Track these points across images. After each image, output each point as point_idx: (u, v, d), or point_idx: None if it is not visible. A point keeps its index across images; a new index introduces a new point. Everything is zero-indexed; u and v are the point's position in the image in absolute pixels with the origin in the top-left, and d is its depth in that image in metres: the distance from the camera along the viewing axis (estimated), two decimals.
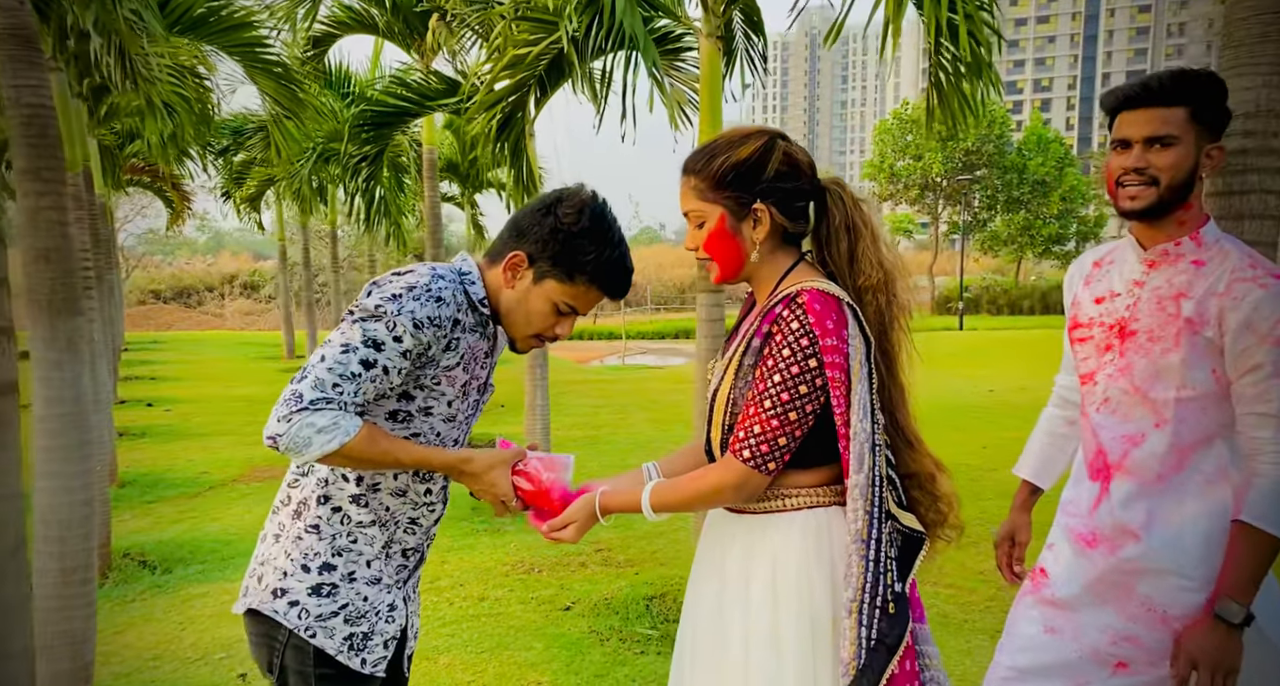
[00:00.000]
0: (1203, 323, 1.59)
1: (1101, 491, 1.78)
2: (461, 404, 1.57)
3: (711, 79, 3.79)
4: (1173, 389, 1.63)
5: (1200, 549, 1.63)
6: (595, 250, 1.50)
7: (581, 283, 1.52)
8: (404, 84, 6.29)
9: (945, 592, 4.12)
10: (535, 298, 1.53)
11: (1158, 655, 1.67)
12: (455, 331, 1.48)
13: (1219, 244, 1.64)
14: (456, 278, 1.52)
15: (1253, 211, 2.00)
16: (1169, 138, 1.59)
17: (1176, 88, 1.59)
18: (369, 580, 1.54)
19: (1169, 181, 1.60)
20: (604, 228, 1.52)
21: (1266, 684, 1.67)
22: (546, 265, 1.51)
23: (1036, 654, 1.83)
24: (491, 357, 1.63)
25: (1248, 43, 1.95)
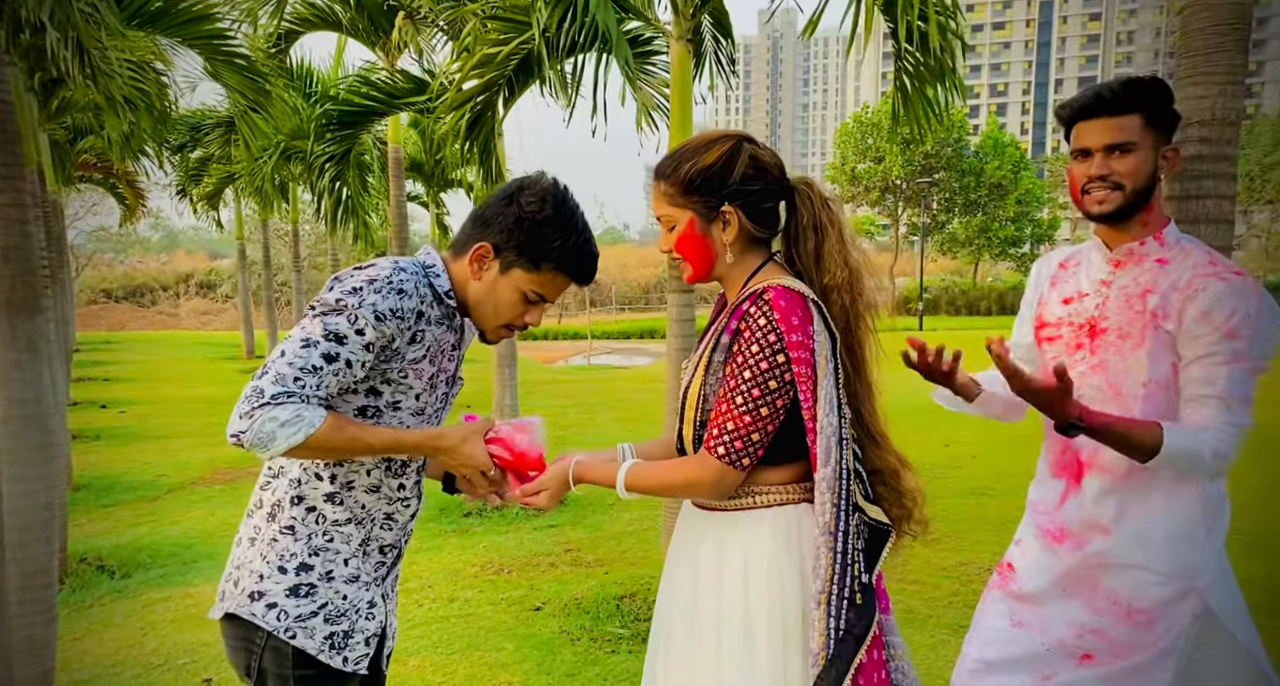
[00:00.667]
0: (1165, 316, 1.64)
1: (1068, 488, 1.83)
2: (430, 397, 1.56)
3: (682, 81, 3.82)
4: (1139, 383, 1.69)
5: (1166, 544, 1.68)
6: (560, 237, 1.51)
7: (548, 270, 1.53)
8: (370, 83, 6.23)
9: (910, 588, 4.20)
10: (503, 288, 1.53)
11: (1123, 647, 1.71)
12: (420, 323, 1.47)
13: (1180, 244, 1.70)
14: (420, 270, 1.51)
15: (1208, 216, 2.07)
16: (1127, 144, 1.65)
17: (1128, 96, 1.65)
18: (347, 578, 1.53)
19: (1133, 185, 1.66)
20: (567, 214, 1.53)
21: (1229, 675, 1.73)
22: (513, 255, 1.52)
23: (1004, 647, 1.87)
24: (459, 350, 1.63)
25: (1203, 52, 2.02)
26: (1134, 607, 1.70)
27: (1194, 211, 2.09)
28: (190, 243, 66.60)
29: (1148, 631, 1.70)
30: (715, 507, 1.60)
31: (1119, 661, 1.72)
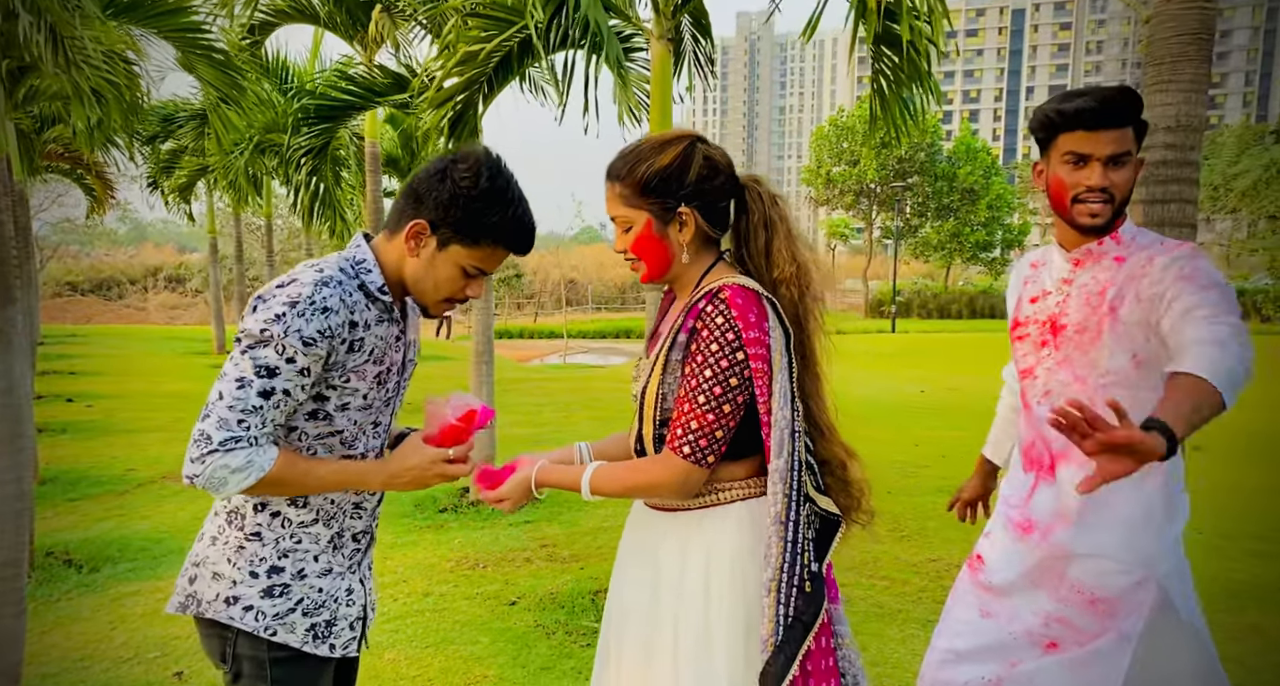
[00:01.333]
0: (1121, 303, 1.70)
1: (1036, 481, 1.89)
2: (378, 392, 1.55)
3: (662, 80, 3.85)
4: (1101, 375, 1.75)
5: (1126, 533, 1.74)
6: (498, 211, 1.47)
7: (486, 245, 1.50)
8: (348, 77, 6.19)
9: (881, 584, 4.26)
10: (441, 264, 1.50)
11: (1087, 635, 1.77)
12: (356, 333, 1.45)
13: (1135, 240, 1.76)
14: (350, 271, 1.49)
15: (1173, 219, 2.14)
16: (1126, 156, 1.69)
17: (1126, 107, 1.67)
18: (320, 572, 1.54)
19: (1122, 196, 1.72)
20: (503, 186, 1.48)
21: (1183, 663, 1.80)
22: (449, 231, 1.48)
23: (972, 637, 1.92)
24: (405, 336, 1.61)
25: (1168, 61, 2.09)
26: (1097, 596, 1.76)
27: (1159, 215, 2.16)
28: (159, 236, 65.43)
29: (1110, 618, 1.75)
30: (677, 508, 1.61)
31: (1082, 648, 1.78)
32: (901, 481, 6.53)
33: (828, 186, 37.36)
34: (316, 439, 1.51)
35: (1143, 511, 1.74)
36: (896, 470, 6.91)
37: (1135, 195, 2.18)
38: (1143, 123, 1.72)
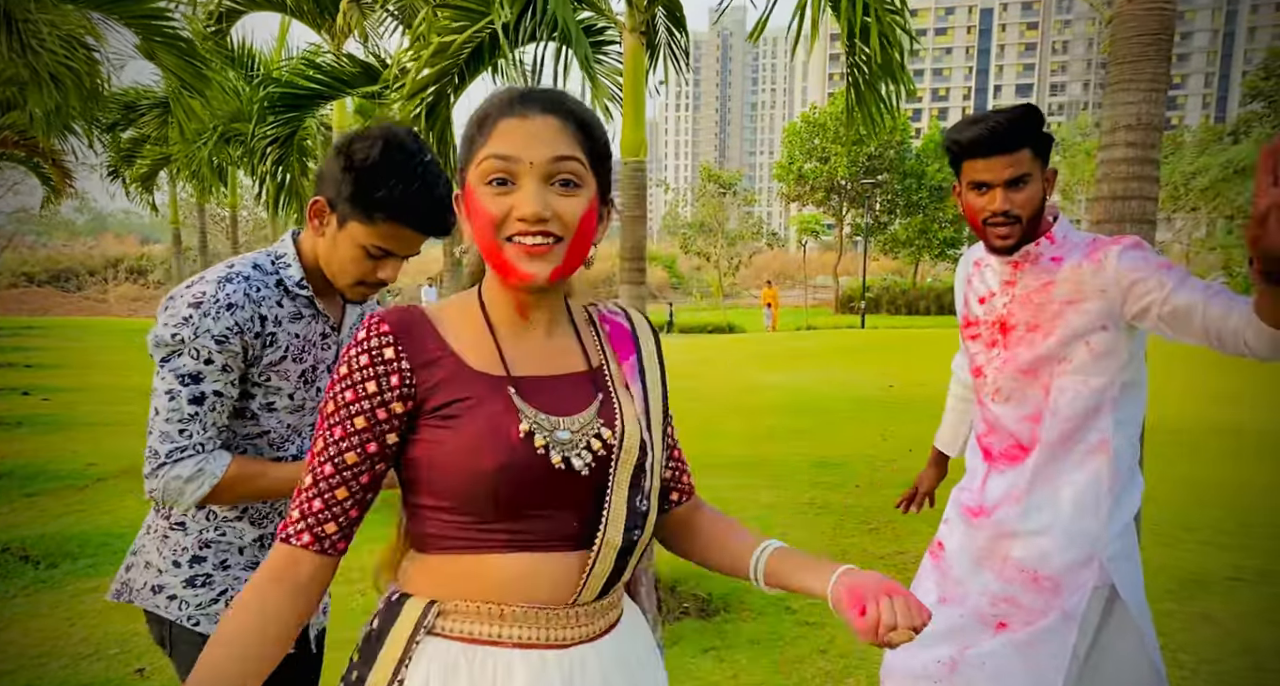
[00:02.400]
0: (1080, 296, 1.76)
1: (989, 470, 1.94)
2: (307, 392, 1.53)
3: (635, 74, 3.84)
4: (1054, 363, 1.81)
5: (1071, 511, 1.81)
6: (390, 184, 1.38)
7: (382, 221, 1.40)
8: (315, 66, 6.10)
9: None
10: (343, 243, 1.44)
11: (1034, 613, 1.83)
12: (266, 327, 1.43)
13: (1068, 238, 1.83)
14: (268, 266, 1.46)
15: (1133, 216, 2.19)
16: (1024, 177, 1.75)
17: (1018, 132, 1.74)
18: (245, 565, 1.55)
19: (1028, 216, 1.77)
20: (401, 159, 1.39)
21: (1126, 659, 1.85)
22: (346, 207, 1.41)
23: (931, 624, 1.97)
24: (339, 334, 1.57)
25: (1129, 61, 2.13)
26: (1040, 573, 1.82)
27: (1120, 211, 2.20)
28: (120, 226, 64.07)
29: (1054, 596, 1.81)
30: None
31: (1029, 628, 1.83)
32: (870, 475, 6.61)
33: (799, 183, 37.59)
34: (244, 439, 1.49)
35: (1086, 489, 1.80)
36: (865, 463, 6.99)
37: (1096, 192, 2.24)
38: (1044, 139, 1.77)
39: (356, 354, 0.99)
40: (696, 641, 3.51)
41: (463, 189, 1.02)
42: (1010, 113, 1.75)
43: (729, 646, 3.46)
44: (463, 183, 1.02)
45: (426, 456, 1.00)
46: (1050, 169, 1.80)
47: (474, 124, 1.02)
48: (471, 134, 1.02)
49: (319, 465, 1.00)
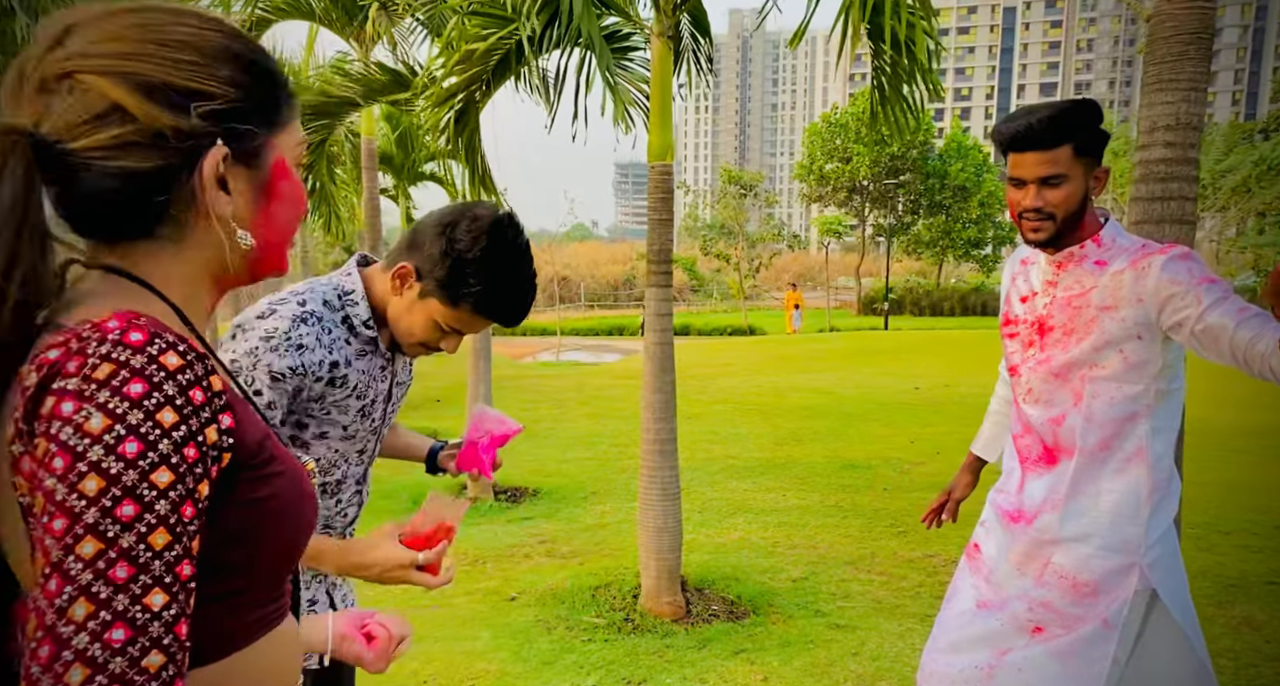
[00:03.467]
0: (1116, 304, 1.74)
1: (1026, 473, 1.94)
2: (363, 423, 1.55)
3: (662, 78, 3.86)
4: (1086, 369, 1.80)
5: (1110, 518, 1.79)
6: (484, 283, 1.40)
7: (465, 309, 1.43)
8: (344, 73, 6.18)
9: (879, 579, 4.30)
10: (418, 312, 1.46)
11: (1069, 619, 1.82)
12: (338, 371, 1.44)
13: (1116, 242, 1.81)
14: (335, 303, 1.46)
15: (1172, 217, 2.17)
16: (1059, 177, 1.73)
17: (1056, 130, 1.72)
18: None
19: (1064, 214, 1.76)
20: (501, 258, 1.41)
21: (1172, 656, 1.84)
22: (432, 285, 1.43)
23: (968, 628, 1.96)
24: (392, 367, 1.58)
25: (1169, 60, 2.12)
26: (1078, 579, 1.81)
27: (1159, 212, 2.19)
28: None
29: (1092, 602, 1.80)
30: None
31: (1066, 632, 1.82)
32: (897, 478, 6.57)
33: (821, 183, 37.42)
34: None
35: (1126, 496, 1.79)
36: (892, 467, 6.95)
37: (1135, 193, 2.22)
38: (1092, 137, 1.74)
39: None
40: (726, 643, 3.52)
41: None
42: (1056, 108, 1.73)
43: (759, 648, 3.46)
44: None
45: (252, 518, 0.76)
46: (1102, 167, 1.78)
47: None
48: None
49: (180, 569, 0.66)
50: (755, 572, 4.37)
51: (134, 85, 0.67)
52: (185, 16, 0.72)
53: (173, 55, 0.69)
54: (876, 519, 5.38)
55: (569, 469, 6.96)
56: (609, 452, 7.68)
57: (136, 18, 0.70)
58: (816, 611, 3.85)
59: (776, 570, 4.42)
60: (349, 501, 1.61)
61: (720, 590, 4.11)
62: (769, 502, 5.83)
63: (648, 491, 3.86)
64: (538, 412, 10.20)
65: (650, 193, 3.97)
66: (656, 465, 3.84)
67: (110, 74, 0.67)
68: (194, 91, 0.69)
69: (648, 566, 3.84)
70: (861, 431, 8.51)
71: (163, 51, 0.69)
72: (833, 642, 3.51)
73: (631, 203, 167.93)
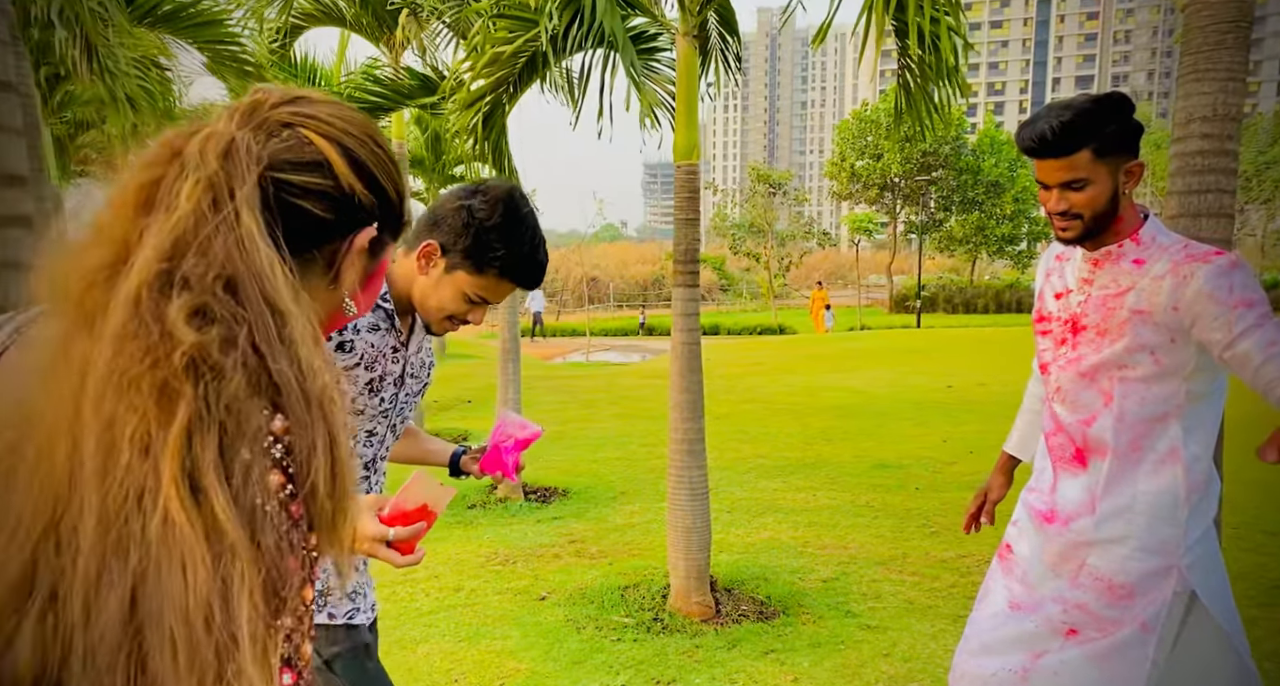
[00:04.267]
0: (1151, 309, 1.71)
1: (1059, 472, 1.90)
2: (370, 399, 1.59)
3: (688, 78, 3.85)
4: (1115, 370, 1.77)
5: (1146, 520, 1.76)
6: (507, 246, 1.51)
7: (491, 276, 1.53)
8: (375, 79, 6.26)
9: (910, 580, 4.25)
10: (446, 286, 1.54)
11: (1105, 622, 1.79)
12: (344, 334, 1.52)
13: (1156, 241, 1.76)
14: None
15: (1210, 210, 2.12)
16: (1079, 181, 1.70)
17: (1071, 136, 1.67)
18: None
19: (1091, 214, 1.73)
20: (517, 222, 1.53)
21: (1211, 657, 1.79)
22: (458, 257, 1.52)
23: (1001, 630, 1.94)
24: (406, 351, 1.64)
25: (1205, 49, 2.07)
26: (1114, 582, 1.78)
27: (1196, 205, 2.13)
28: None
29: (1128, 605, 1.76)
30: None
31: (1102, 636, 1.79)
32: (930, 477, 6.50)
33: (851, 181, 37.11)
34: None
35: (1162, 498, 1.76)
36: (925, 466, 6.87)
37: (1171, 186, 2.17)
38: (1117, 135, 1.69)
39: None
40: (756, 644, 3.50)
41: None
42: (1072, 112, 1.68)
43: (789, 649, 3.44)
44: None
45: None
46: (1136, 162, 1.73)
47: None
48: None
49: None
50: (785, 573, 4.34)
51: (344, 154, 0.77)
52: (385, 140, 0.87)
53: (377, 152, 0.81)
54: (908, 519, 5.33)
55: (598, 469, 6.97)
56: (638, 452, 7.68)
57: (366, 119, 0.84)
58: (847, 612, 3.82)
59: (807, 570, 4.39)
60: (358, 487, 1.63)
61: (750, 590, 4.09)
62: (799, 502, 5.80)
63: (676, 491, 3.86)
64: (567, 413, 10.24)
65: (677, 192, 3.97)
66: (685, 465, 3.84)
67: (330, 139, 0.77)
68: (378, 182, 0.81)
69: (677, 566, 3.84)
70: (893, 430, 8.42)
71: (373, 145, 0.81)
72: (864, 643, 3.48)
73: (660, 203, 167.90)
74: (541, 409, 10.30)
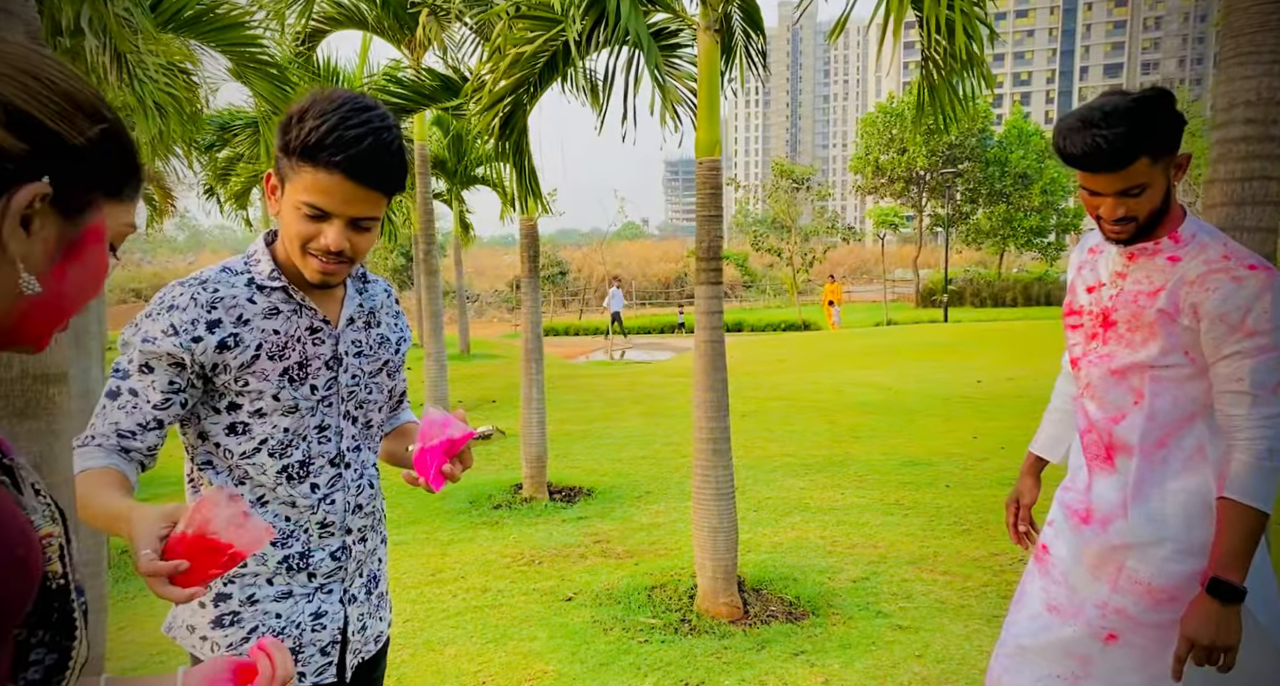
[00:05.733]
0: (1177, 312, 1.67)
1: (1094, 471, 1.86)
2: (297, 390, 1.41)
3: (710, 74, 3.81)
4: (1148, 370, 1.73)
5: (1181, 520, 1.72)
6: (311, 121, 1.25)
7: (306, 169, 1.27)
8: (397, 81, 6.29)
9: (942, 579, 4.19)
10: (286, 212, 1.33)
11: (1145, 626, 1.74)
12: (221, 331, 1.36)
13: (1196, 239, 1.70)
14: (239, 266, 1.41)
15: (1254, 198, 2.05)
16: (1136, 189, 1.63)
17: (1128, 147, 1.58)
18: (276, 596, 1.43)
19: (1147, 214, 1.67)
20: (326, 99, 1.28)
21: (1260, 670, 1.73)
22: (278, 166, 1.32)
23: (1039, 632, 1.90)
24: (334, 327, 1.46)
25: (1248, 32, 1.99)
26: (1154, 585, 1.74)
27: (1239, 194, 2.06)
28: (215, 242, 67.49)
29: (1171, 610, 1.72)
30: None
31: (1142, 639, 1.76)
32: (961, 475, 6.41)
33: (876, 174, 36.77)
34: (241, 457, 1.40)
35: (1198, 502, 1.71)
36: (955, 463, 6.78)
37: (1213, 174, 2.10)
38: (1165, 135, 1.61)
39: None
40: (785, 644, 3.46)
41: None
42: (1123, 120, 1.57)
43: (819, 650, 3.40)
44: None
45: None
46: (1183, 154, 1.67)
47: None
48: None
49: None
50: (814, 572, 4.29)
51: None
52: (72, 75, 0.71)
53: (43, 91, 0.67)
54: (939, 517, 5.25)
55: (623, 468, 6.95)
56: (663, 452, 7.65)
57: (30, 53, 0.69)
58: (878, 612, 3.76)
59: (836, 570, 4.34)
60: (331, 487, 1.47)
61: (778, 590, 4.05)
62: (827, 501, 5.74)
63: (702, 490, 3.83)
64: (591, 412, 10.23)
65: (699, 189, 3.93)
66: (710, 464, 3.80)
67: None
68: (44, 126, 0.67)
69: (704, 566, 3.81)
70: (921, 427, 8.32)
71: (35, 85, 0.67)
72: (895, 644, 3.43)
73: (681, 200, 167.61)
74: (565, 408, 10.30)
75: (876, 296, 36.22)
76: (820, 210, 38.55)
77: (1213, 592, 1.60)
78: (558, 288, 38.12)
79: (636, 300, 41.58)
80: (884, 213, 37.75)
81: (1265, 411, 1.60)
